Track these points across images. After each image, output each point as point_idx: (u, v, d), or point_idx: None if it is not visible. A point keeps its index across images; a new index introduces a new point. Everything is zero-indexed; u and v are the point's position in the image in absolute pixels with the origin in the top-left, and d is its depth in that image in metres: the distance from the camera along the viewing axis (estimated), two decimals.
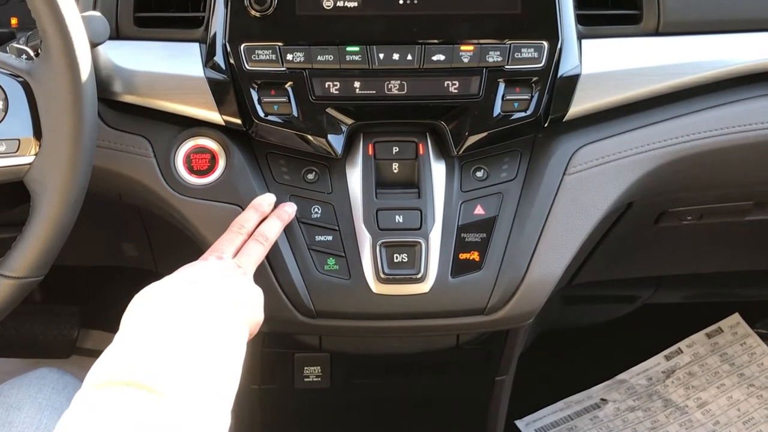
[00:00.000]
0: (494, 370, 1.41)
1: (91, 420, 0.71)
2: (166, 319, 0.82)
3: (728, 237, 1.54)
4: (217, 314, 0.85)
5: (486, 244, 1.07)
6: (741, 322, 2.18)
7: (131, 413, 0.72)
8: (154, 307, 0.85)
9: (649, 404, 2.05)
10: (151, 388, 0.74)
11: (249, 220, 1.02)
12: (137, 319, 0.84)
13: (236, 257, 0.98)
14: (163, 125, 1.09)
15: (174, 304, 0.85)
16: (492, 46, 1.05)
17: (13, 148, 0.91)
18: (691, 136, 1.13)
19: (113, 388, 0.74)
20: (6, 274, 0.91)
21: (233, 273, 0.94)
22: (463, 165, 1.10)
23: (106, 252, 1.61)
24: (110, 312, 2.12)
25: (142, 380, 0.74)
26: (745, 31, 1.13)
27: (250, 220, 1.02)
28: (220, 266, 0.94)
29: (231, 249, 0.98)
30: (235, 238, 1.00)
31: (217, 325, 0.84)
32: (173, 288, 0.88)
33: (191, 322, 0.82)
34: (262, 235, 1.02)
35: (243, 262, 0.97)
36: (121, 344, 0.80)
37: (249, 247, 1.00)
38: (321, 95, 1.05)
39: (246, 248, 1.00)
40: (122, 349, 0.80)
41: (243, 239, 1.01)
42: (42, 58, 0.91)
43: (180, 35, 1.09)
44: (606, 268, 1.57)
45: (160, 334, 0.80)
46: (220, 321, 0.85)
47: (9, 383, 1.14)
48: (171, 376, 0.76)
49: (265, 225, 1.03)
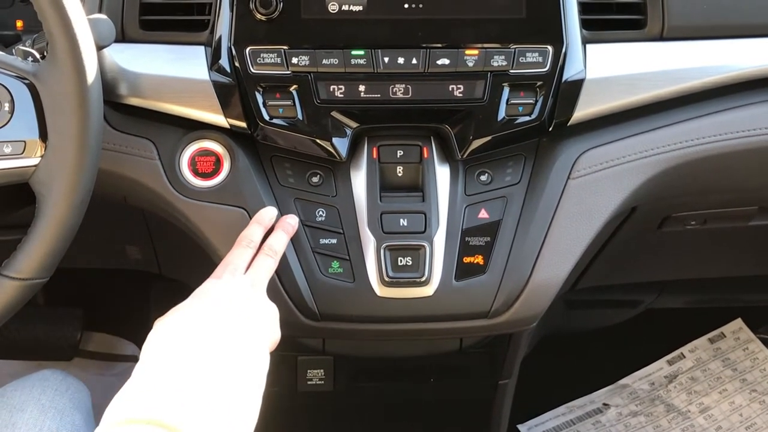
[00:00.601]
0: (497, 374, 1.41)
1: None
2: (186, 353, 0.82)
3: (731, 242, 1.54)
4: (238, 345, 0.86)
5: (490, 248, 1.07)
6: (743, 327, 2.18)
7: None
8: (174, 339, 0.85)
9: (652, 409, 2.05)
10: (172, 427, 0.74)
11: (255, 234, 1.02)
12: (157, 353, 0.84)
13: (248, 272, 0.98)
14: (168, 128, 1.09)
15: (194, 336, 0.85)
16: (497, 51, 1.06)
17: (19, 150, 0.91)
18: (695, 141, 1.13)
19: (134, 426, 0.74)
20: (11, 276, 0.91)
21: (249, 294, 0.94)
22: (468, 169, 1.10)
23: (110, 255, 1.61)
24: (113, 315, 2.13)
25: (163, 419, 0.74)
26: (750, 36, 1.13)
27: (256, 233, 1.02)
28: (237, 288, 0.94)
29: (243, 264, 0.98)
30: (244, 252, 1.00)
31: (239, 357, 0.85)
32: (193, 319, 0.88)
33: (212, 356, 0.83)
34: (271, 248, 1.02)
35: (256, 278, 0.97)
36: (141, 379, 0.80)
37: (260, 262, 1.00)
38: (326, 98, 1.06)
39: (257, 263, 1.00)
40: (142, 384, 0.79)
41: (252, 253, 1.00)
42: (48, 61, 0.91)
43: (185, 38, 1.09)
44: (609, 273, 1.57)
45: (180, 369, 0.80)
46: (242, 352, 0.86)
47: (12, 385, 1.15)
48: (193, 413, 0.76)
49: (272, 238, 1.03)
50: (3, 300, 0.92)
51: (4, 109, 0.90)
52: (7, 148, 0.90)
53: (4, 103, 0.90)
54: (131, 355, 2.06)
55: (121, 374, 2.04)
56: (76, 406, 1.14)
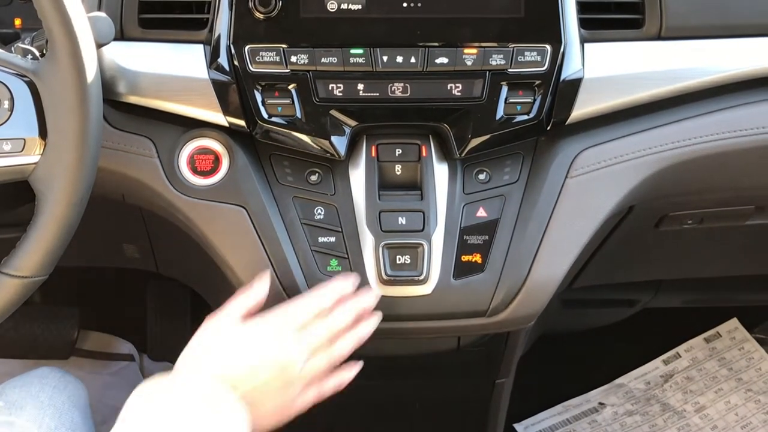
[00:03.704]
0: (494, 373, 1.41)
1: None
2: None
3: (728, 241, 1.54)
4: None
5: (488, 247, 1.08)
6: (739, 327, 2.18)
7: None
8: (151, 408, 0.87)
9: (647, 408, 2.05)
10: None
11: (329, 300, 1.01)
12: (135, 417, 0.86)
13: (295, 336, 0.98)
14: (167, 126, 1.09)
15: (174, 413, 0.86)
16: (495, 50, 1.06)
17: (19, 148, 0.91)
18: (692, 140, 1.13)
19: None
20: (10, 273, 0.91)
21: (279, 377, 0.96)
22: (466, 167, 1.10)
23: (107, 253, 1.61)
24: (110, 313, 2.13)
25: None
26: (747, 36, 1.14)
27: (329, 300, 1.01)
28: (269, 362, 0.96)
29: (298, 324, 0.98)
30: (307, 313, 0.99)
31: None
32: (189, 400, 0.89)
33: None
34: (334, 320, 1.00)
35: (300, 344, 0.97)
36: None
37: (314, 330, 0.99)
38: (325, 97, 1.06)
39: (311, 330, 0.99)
40: None
41: (313, 315, 0.99)
42: (48, 58, 0.91)
43: (184, 37, 1.09)
44: (606, 272, 1.57)
45: None
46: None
47: (11, 382, 1.15)
48: None
49: (340, 317, 1.01)
50: (2, 298, 0.92)
51: (3, 107, 0.90)
52: (6, 146, 0.90)
53: (4, 100, 0.90)
54: (127, 354, 2.05)
55: (117, 373, 2.03)
56: (74, 403, 1.14)
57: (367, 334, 1.03)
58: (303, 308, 0.99)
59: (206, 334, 0.96)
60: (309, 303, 1.00)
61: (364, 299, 1.03)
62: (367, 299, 1.04)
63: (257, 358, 0.95)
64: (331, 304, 1.01)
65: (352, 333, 1.02)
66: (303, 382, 0.98)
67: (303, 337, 0.98)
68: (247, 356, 0.95)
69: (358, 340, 1.03)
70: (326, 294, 1.01)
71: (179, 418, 0.85)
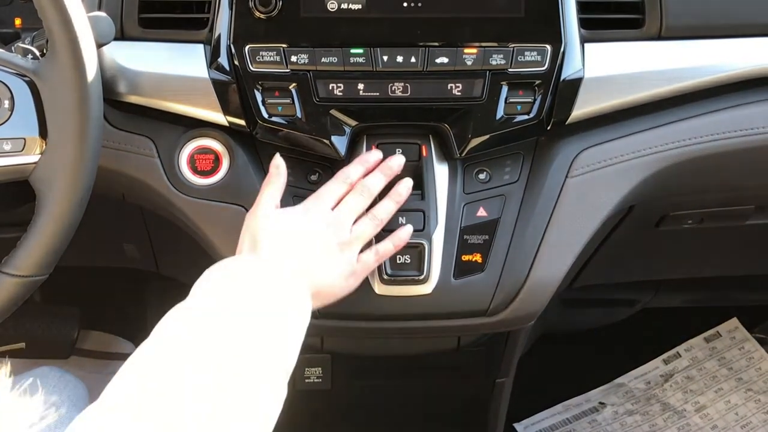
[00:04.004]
0: (494, 373, 1.41)
1: None
2: (228, 302, 0.85)
3: (728, 241, 1.54)
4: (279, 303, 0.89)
5: (488, 246, 1.08)
6: (739, 326, 2.19)
7: None
8: (224, 292, 0.88)
9: (647, 408, 2.05)
10: None
11: (354, 172, 1.04)
12: (202, 303, 0.87)
13: (336, 209, 1.01)
14: (168, 126, 1.09)
15: (246, 295, 0.87)
16: (495, 50, 1.06)
17: (19, 147, 0.91)
18: (692, 140, 1.13)
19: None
20: (11, 273, 0.91)
21: (333, 240, 0.98)
22: (466, 167, 1.10)
23: (107, 252, 1.61)
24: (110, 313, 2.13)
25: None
26: (747, 36, 1.14)
27: (354, 172, 1.04)
28: (319, 228, 0.98)
29: (331, 199, 1.01)
30: (338, 188, 1.02)
31: (276, 317, 0.87)
32: (252, 274, 0.90)
33: (251, 314, 0.85)
34: (365, 187, 1.03)
35: (342, 212, 1.00)
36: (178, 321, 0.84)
37: (349, 199, 1.02)
38: (325, 97, 1.06)
39: (347, 198, 1.02)
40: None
41: (346, 189, 1.03)
42: (48, 58, 0.91)
43: (184, 36, 1.09)
44: (606, 272, 1.58)
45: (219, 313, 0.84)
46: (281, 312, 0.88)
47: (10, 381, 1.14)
48: None
49: (369, 179, 1.04)
50: (3, 297, 0.92)
51: (3, 107, 0.91)
52: (6, 146, 0.91)
53: (4, 100, 0.91)
54: (128, 354, 2.04)
55: None
56: (74, 403, 1.14)
57: (406, 192, 1.05)
58: (333, 187, 1.02)
59: (251, 225, 0.98)
60: (337, 181, 1.03)
61: (391, 162, 1.06)
62: (394, 162, 1.06)
63: (308, 231, 0.97)
64: (357, 177, 1.04)
65: (392, 195, 1.05)
66: (357, 243, 1.01)
67: (343, 206, 1.01)
68: (299, 232, 0.97)
69: (398, 199, 1.05)
70: (350, 170, 1.04)
71: (247, 293, 0.87)
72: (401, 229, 1.05)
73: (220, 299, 0.85)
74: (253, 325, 0.83)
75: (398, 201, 1.05)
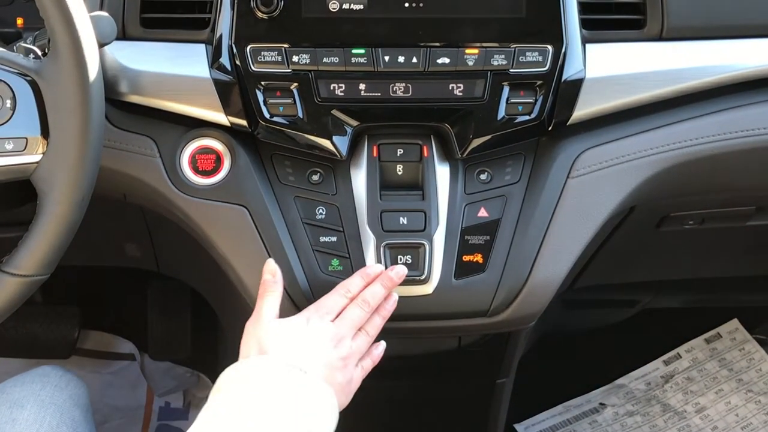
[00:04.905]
0: (495, 373, 1.41)
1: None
2: (259, 411, 0.86)
3: (729, 242, 1.54)
4: (314, 415, 0.90)
5: (489, 247, 1.08)
6: (739, 327, 2.18)
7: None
8: (248, 391, 0.89)
9: (648, 409, 2.05)
10: None
11: (354, 285, 1.03)
12: (228, 401, 0.88)
13: (337, 320, 1.00)
14: (169, 126, 1.09)
15: (270, 393, 0.89)
16: (497, 50, 1.06)
17: (21, 147, 0.91)
18: (693, 141, 1.13)
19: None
20: (12, 272, 0.91)
21: (335, 355, 0.97)
22: (467, 167, 1.10)
23: (109, 252, 1.62)
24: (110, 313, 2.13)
25: None
26: (748, 37, 1.14)
27: (355, 284, 1.03)
28: (323, 342, 0.97)
29: (334, 310, 1.01)
30: (339, 300, 1.01)
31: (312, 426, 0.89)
32: (273, 372, 0.91)
33: (285, 417, 0.87)
34: (365, 299, 1.02)
35: (343, 326, 0.99)
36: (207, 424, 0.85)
37: (350, 311, 1.01)
38: (326, 97, 1.06)
39: (347, 312, 1.01)
40: None
41: (346, 302, 1.02)
42: (50, 58, 0.91)
43: (186, 36, 1.09)
44: (607, 272, 1.58)
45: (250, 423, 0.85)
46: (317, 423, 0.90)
47: (12, 381, 1.15)
48: None
49: (368, 291, 1.03)
50: (4, 296, 0.92)
51: (5, 106, 0.91)
52: (8, 145, 0.91)
53: (6, 99, 0.91)
54: (128, 354, 2.06)
55: (118, 372, 2.04)
56: (75, 402, 1.14)
57: (391, 309, 1.05)
58: (334, 299, 1.01)
59: (256, 333, 0.98)
60: (337, 293, 1.02)
61: (392, 273, 1.04)
62: (394, 273, 1.04)
63: (312, 344, 0.96)
64: (358, 290, 1.02)
65: (380, 310, 1.04)
66: (354, 359, 1.00)
67: (344, 320, 1.00)
68: (305, 343, 0.96)
69: (384, 314, 1.04)
70: (351, 282, 1.03)
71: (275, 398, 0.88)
72: (377, 346, 1.07)
73: (246, 404, 0.87)
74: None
75: (384, 316, 1.04)
